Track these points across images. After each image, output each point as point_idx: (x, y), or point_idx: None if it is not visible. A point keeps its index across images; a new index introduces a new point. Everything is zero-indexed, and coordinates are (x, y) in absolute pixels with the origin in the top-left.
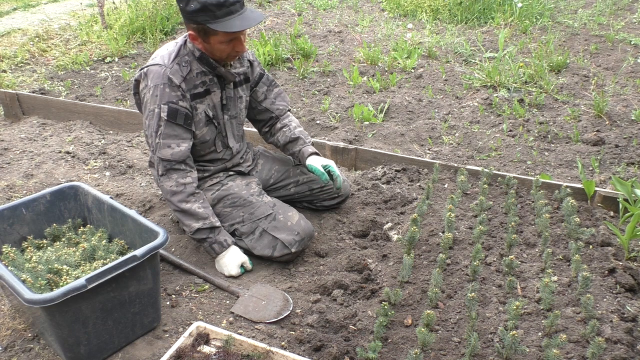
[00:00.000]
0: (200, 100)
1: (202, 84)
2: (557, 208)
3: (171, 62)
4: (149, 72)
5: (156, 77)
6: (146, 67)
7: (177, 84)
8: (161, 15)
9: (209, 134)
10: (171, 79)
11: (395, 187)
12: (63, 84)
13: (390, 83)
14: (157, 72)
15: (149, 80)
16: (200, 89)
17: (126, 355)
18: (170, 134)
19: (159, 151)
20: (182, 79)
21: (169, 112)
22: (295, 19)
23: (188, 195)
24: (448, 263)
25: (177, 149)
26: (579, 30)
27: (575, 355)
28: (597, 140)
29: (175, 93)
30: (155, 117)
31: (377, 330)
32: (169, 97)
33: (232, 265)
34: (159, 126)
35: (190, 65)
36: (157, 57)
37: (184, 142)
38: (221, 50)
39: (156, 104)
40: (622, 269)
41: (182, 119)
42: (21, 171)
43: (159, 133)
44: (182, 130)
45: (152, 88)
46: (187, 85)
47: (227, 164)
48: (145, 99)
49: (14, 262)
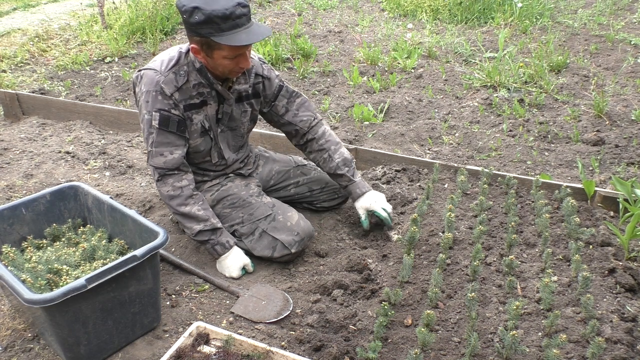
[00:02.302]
0: (196, 111)
1: (198, 95)
2: (557, 208)
3: (167, 69)
4: (144, 76)
5: (149, 83)
6: (143, 69)
7: (169, 94)
8: (161, 15)
9: (203, 145)
10: (163, 88)
11: (395, 187)
12: (63, 84)
13: (390, 83)
14: (151, 78)
15: (143, 85)
16: (197, 100)
17: (126, 355)
18: (163, 141)
19: (152, 159)
20: (176, 89)
21: (161, 120)
22: (295, 19)
23: (186, 198)
24: (448, 263)
25: (170, 157)
26: (579, 30)
27: (575, 355)
28: (597, 140)
29: (167, 101)
30: (147, 124)
31: (377, 330)
32: (160, 105)
33: (234, 267)
34: (150, 133)
35: (188, 76)
36: (156, 61)
37: (177, 150)
38: (224, 65)
39: (147, 110)
40: (622, 269)
41: (174, 126)
42: (21, 171)
43: (150, 142)
44: (175, 138)
45: (145, 93)
46: (181, 95)
47: (227, 170)
48: (139, 103)
49: (13, 262)
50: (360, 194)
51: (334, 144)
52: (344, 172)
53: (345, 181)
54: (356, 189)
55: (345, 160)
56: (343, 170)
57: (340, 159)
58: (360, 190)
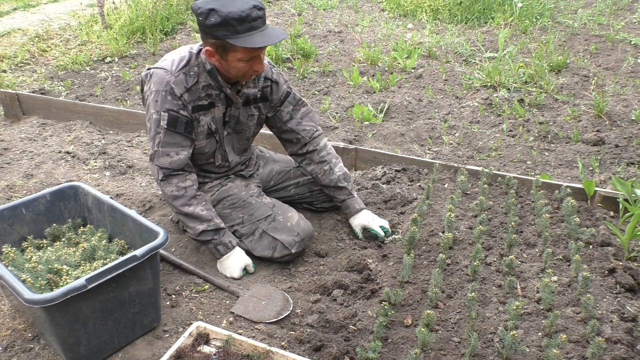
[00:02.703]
0: (203, 113)
1: (207, 97)
2: (557, 208)
3: (178, 70)
4: (154, 74)
5: (159, 83)
6: (153, 68)
7: (179, 95)
8: (161, 15)
9: (208, 147)
10: (173, 88)
11: (395, 187)
12: (63, 84)
13: (390, 83)
14: (161, 78)
15: (152, 84)
16: (205, 102)
17: (126, 355)
18: (170, 142)
19: (157, 159)
20: (186, 90)
21: (169, 120)
22: (295, 19)
23: (190, 198)
24: (448, 263)
25: (176, 158)
26: (579, 30)
27: (575, 355)
28: (597, 140)
29: (176, 102)
30: (154, 123)
31: (377, 330)
32: (169, 105)
33: (235, 268)
34: (157, 133)
35: (198, 77)
36: (166, 60)
37: (183, 150)
38: (239, 68)
39: (156, 110)
40: (622, 269)
41: (182, 126)
42: (21, 171)
43: (157, 142)
44: (182, 138)
45: (154, 92)
46: (190, 96)
47: (229, 172)
48: (147, 101)
49: (14, 262)
50: (358, 209)
51: (335, 157)
52: (344, 185)
53: (344, 194)
54: (354, 203)
55: (346, 174)
56: (344, 183)
57: (341, 172)
58: (359, 206)
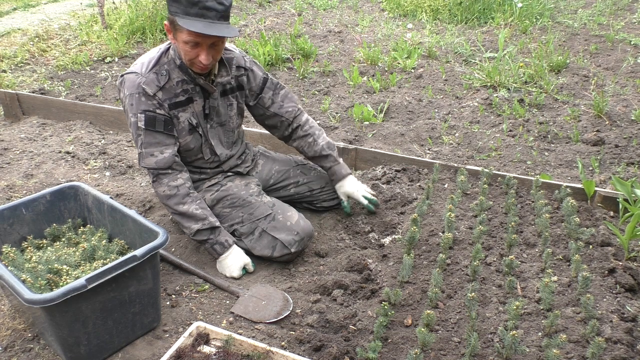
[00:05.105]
0: (182, 109)
1: (183, 92)
2: (557, 208)
3: (148, 70)
4: (126, 80)
5: (130, 86)
6: (125, 74)
7: (152, 94)
8: (161, 15)
9: (193, 142)
10: (145, 89)
11: (395, 187)
12: (63, 84)
13: (390, 83)
14: (132, 81)
15: (125, 89)
16: (182, 98)
17: (126, 355)
18: (152, 142)
19: (143, 161)
20: (159, 88)
21: (147, 121)
22: (295, 19)
23: (183, 196)
24: (448, 263)
25: (161, 157)
26: (579, 30)
27: (575, 355)
28: (597, 140)
29: (151, 102)
30: (133, 126)
31: (377, 330)
32: (145, 106)
33: (234, 267)
34: (138, 135)
35: (170, 74)
36: (136, 64)
37: (167, 149)
38: (185, 52)
39: (133, 113)
40: (622, 269)
41: (161, 125)
42: (21, 171)
43: (139, 143)
44: (164, 137)
45: (128, 97)
46: (164, 94)
47: (224, 166)
48: (125, 108)
49: (14, 262)
50: (344, 174)
51: (317, 129)
52: (329, 152)
53: (330, 162)
54: (341, 169)
55: (329, 143)
56: (328, 151)
57: (325, 142)
58: (345, 171)
